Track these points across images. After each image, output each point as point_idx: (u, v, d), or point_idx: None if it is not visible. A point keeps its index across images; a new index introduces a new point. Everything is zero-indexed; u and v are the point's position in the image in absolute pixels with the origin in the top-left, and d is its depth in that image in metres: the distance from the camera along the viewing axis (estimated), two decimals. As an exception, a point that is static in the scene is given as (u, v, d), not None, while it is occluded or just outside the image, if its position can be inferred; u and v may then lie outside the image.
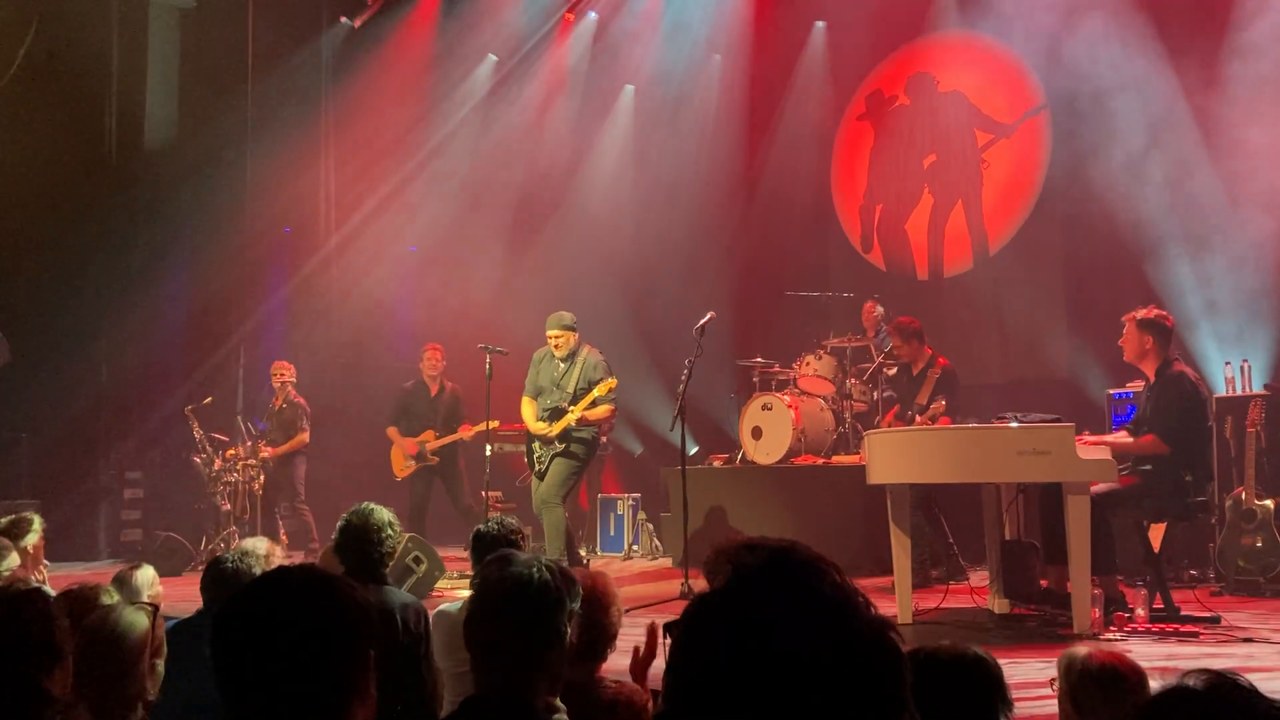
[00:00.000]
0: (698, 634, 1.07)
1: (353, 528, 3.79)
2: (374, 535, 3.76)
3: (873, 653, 1.05)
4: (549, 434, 7.97)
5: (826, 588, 1.07)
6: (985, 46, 11.35)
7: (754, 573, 1.08)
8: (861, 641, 1.05)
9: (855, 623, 1.06)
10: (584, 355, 8.12)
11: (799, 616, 1.04)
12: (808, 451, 9.54)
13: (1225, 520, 7.47)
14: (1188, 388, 6.32)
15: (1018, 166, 11.21)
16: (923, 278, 11.83)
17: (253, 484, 9.80)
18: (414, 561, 7.99)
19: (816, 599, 1.06)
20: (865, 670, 1.03)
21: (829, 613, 1.05)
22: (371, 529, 3.76)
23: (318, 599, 1.60)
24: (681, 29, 12.97)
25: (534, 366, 8.26)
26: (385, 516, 3.81)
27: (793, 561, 1.09)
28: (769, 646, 1.02)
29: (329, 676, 1.56)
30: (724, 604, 1.07)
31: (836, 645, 1.03)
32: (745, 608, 1.06)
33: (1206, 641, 5.62)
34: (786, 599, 1.05)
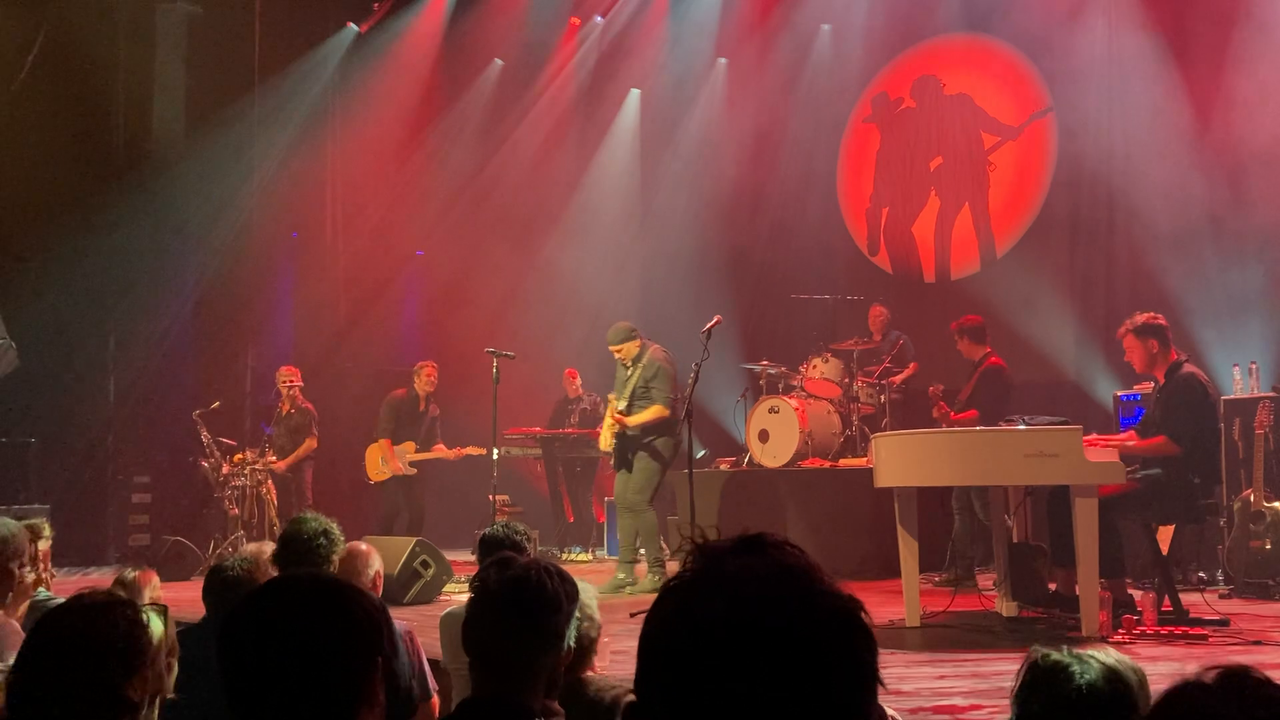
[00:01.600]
0: (666, 614, 1.07)
1: (286, 537, 3.80)
2: (307, 543, 3.74)
3: (843, 628, 1.05)
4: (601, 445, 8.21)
5: (794, 564, 1.07)
6: (991, 49, 11.34)
7: (721, 554, 1.08)
8: (832, 617, 1.04)
9: (826, 598, 1.05)
10: (647, 358, 8.22)
11: (768, 592, 1.04)
12: (815, 454, 9.52)
13: (1234, 522, 7.45)
14: (1198, 389, 6.30)
15: (1024, 169, 11.19)
16: (929, 280, 11.81)
17: (261, 488, 9.82)
18: (422, 565, 8.00)
19: (785, 574, 1.06)
20: (836, 646, 1.03)
21: (799, 587, 1.05)
22: (304, 537, 3.75)
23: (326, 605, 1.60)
24: (687, 33, 12.98)
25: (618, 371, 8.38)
26: (320, 525, 3.80)
27: (760, 542, 1.09)
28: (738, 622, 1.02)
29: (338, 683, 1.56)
30: (691, 584, 1.07)
31: (806, 620, 1.03)
32: (713, 586, 1.05)
33: (1215, 644, 5.60)
34: (755, 575, 1.05)
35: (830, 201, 12.59)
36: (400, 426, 10.02)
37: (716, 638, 1.02)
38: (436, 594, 8.00)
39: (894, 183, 12.20)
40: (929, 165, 11.91)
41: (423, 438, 10.03)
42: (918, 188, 11.97)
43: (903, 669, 5.19)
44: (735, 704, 1.01)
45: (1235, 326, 9.03)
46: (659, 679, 1.05)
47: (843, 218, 12.55)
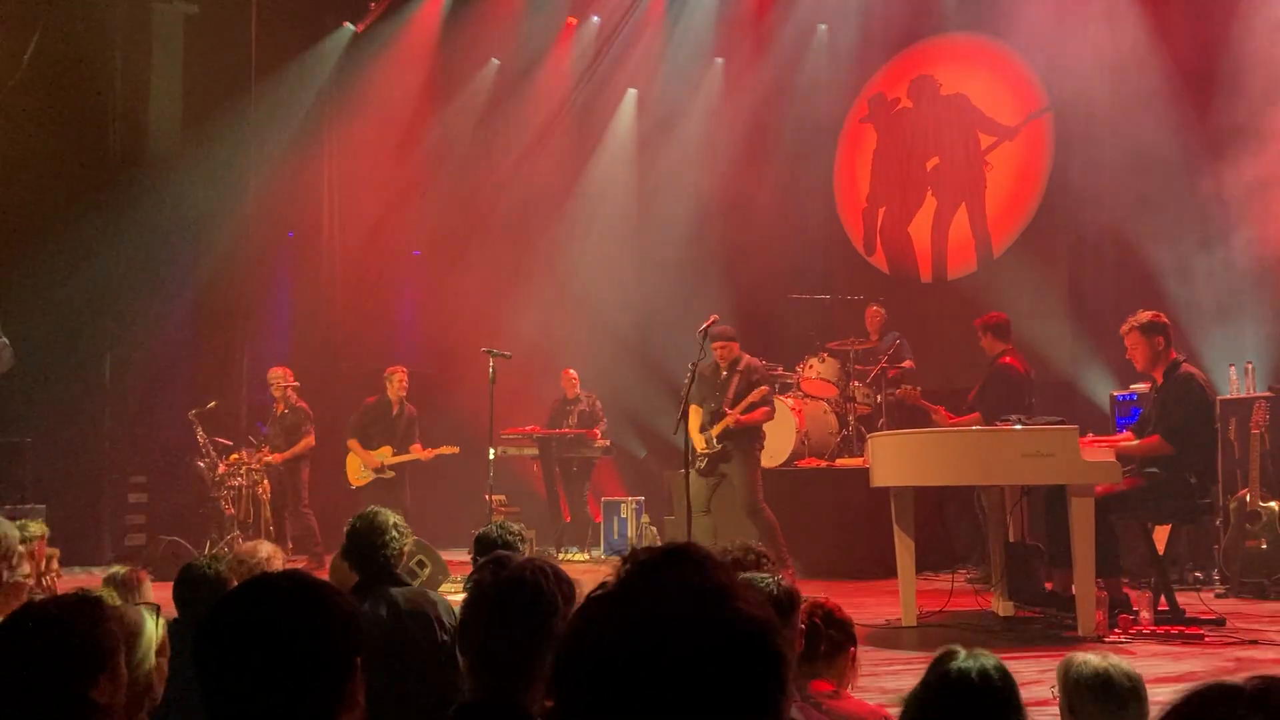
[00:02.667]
0: (581, 625, 1.10)
1: (358, 532, 3.78)
2: (379, 538, 3.75)
3: (748, 649, 1.06)
4: (711, 436, 8.18)
5: (710, 584, 1.09)
6: (988, 49, 11.34)
7: (641, 569, 1.11)
8: (738, 641, 1.06)
9: (735, 619, 1.07)
10: (745, 363, 8.31)
11: (678, 613, 1.06)
12: (811, 454, 9.53)
13: (1230, 522, 7.45)
14: (1195, 389, 6.30)
15: (1021, 169, 11.20)
16: (926, 280, 11.81)
17: (257, 488, 9.81)
18: (418, 565, 7.99)
19: (698, 595, 1.08)
20: (739, 666, 1.05)
21: (709, 609, 1.07)
22: (377, 531, 3.75)
23: (303, 606, 1.57)
24: (684, 32, 12.97)
25: (699, 376, 8.26)
26: (390, 519, 3.81)
27: (679, 558, 1.11)
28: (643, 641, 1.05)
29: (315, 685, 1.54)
30: (609, 598, 1.10)
31: (713, 639, 1.05)
32: (630, 600, 1.08)
33: (1211, 644, 5.61)
34: (667, 595, 1.07)
35: (827, 201, 12.59)
36: (373, 431, 10.09)
37: (623, 655, 1.05)
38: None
39: (891, 183, 12.20)
40: (926, 165, 11.91)
41: (399, 440, 10.07)
42: (914, 188, 11.97)
43: (898, 669, 5.19)
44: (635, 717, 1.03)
45: (1231, 326, 9.04)
46: (570, 688, 1.08)
47: (839, 218, 12.55)
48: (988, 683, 2.12)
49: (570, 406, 10.95)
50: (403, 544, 3.82)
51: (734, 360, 8.30)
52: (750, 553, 3.36)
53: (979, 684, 2.11)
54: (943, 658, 2.19)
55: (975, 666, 2.14)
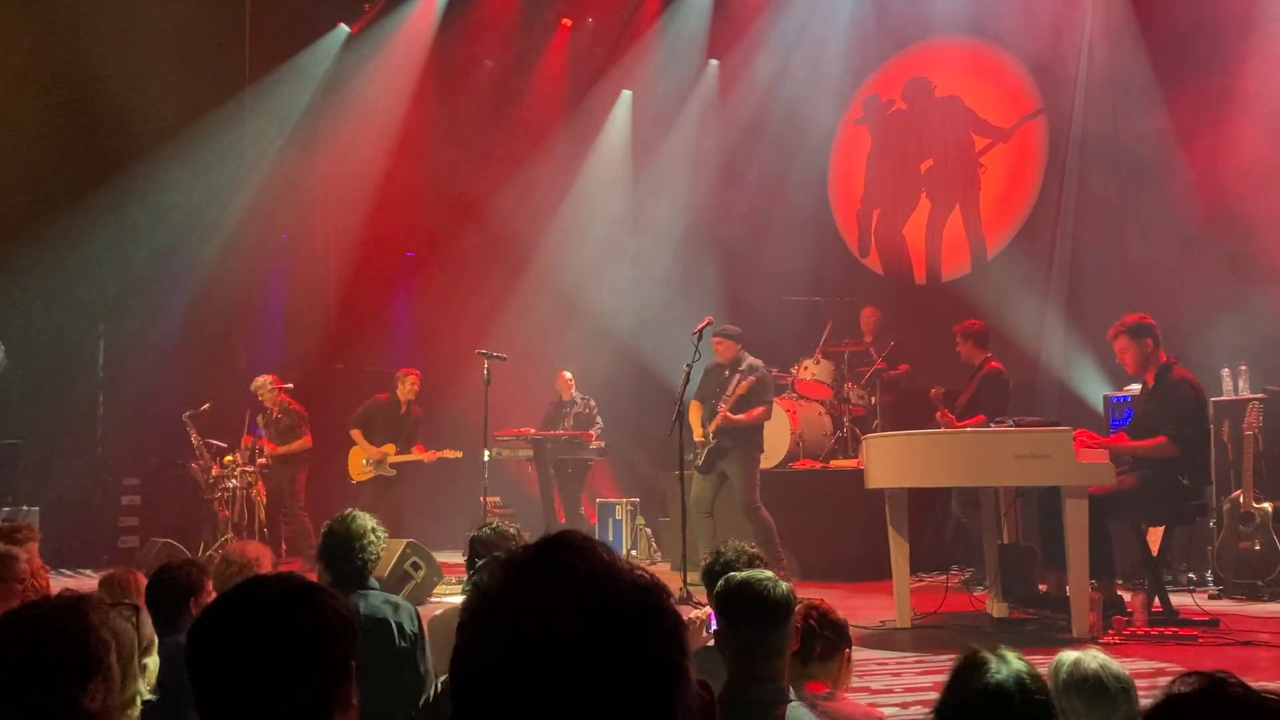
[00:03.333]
0: (470, 629, 1.10)
1: (335, 534, 3.77)
2: (356, 542, 3.74)
3: (637, 619, 1.07)
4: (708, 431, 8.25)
5: (585, 566, 1.09)
6: (982, 51, 11.36)
7: (520, 563, 1.11)
8: (624, 610, 1.07)
9: (617, 593, 1.08)
10: (747, 363, 8.36)
11: (560, 597, 1.06)
12: (806, 456, 9.53)
13: (1223, 523, 7.47)
14: (1189, 391, 6.32)
15: (1015, 171, 11.22)
16: (920, 282, 11.82)
17: (251, 490, 9.80)
18: (412, 567, 7.99)
19: (576, 578, 1.08)
20: (631, 638, 1.05)
21: (589, 588, 1.07)
22: (354, 535, 3.74)
23: (296, 609, 1.56)
24: (678, 34, 12.98)
25: (704, 374, 8.47)
26: (368, 523, 3.80)
27: (556, 546, 1.12)
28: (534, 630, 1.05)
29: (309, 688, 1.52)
30: (490, 596, 1.10)
31: (598, 618, 1.05)
32: (509, 597, 1.08)
33: (1205, 645, 5.62)
34: (548, 583, 1.08)
35: (821, 203, 12.60)
36: (379, 428, 10.12)
37: (516, 656, 1.05)
38: (427, 596, 7.99)
39: (885, 184, 12.21)
40: (920, 167, 11.93)
41: (403, 440, 10.10)
42: (909, 189, 11.98)
43: (893, 670, 5.20)
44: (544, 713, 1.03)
45: (1224, 328, 9.05)
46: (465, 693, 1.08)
47: (834, 219, 12.56)
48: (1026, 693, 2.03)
49: (566, 409, 10.95)
50: (379, 549, 3.81)
51: (735, 359, 8.31)
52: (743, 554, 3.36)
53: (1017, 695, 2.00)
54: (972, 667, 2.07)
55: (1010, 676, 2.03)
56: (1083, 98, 10.23)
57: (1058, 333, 10.36)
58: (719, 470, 8.24)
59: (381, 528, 3.86)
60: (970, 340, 8.28)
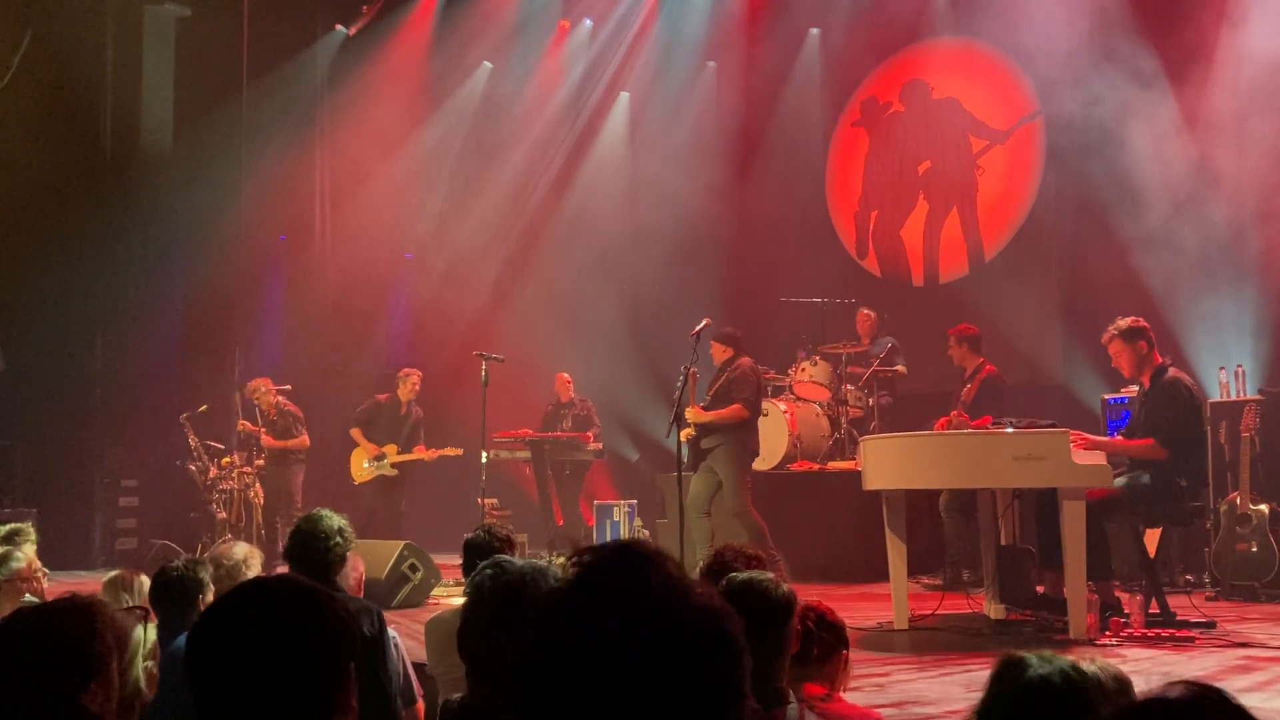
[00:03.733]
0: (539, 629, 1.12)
1: (302, 534, 3.74)
2: (323, 542, 3.71)
3: (705, 644, 1.08)
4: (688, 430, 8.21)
5: (656, 580, 1.10)
6: (979, 53, 11.37)
7: (593, 568, 1.12)
8: (694, 632, 1.08)
9: (684, 611, 1.09)
10: (735, 363, 8.32)
11: (631, 608, 1.08)
12: (803, 457, 9.54)
13: (1220, 525, 7.48)
14: (1183, 392, 6.33)
15: (1012, 173, 11.23)
16: (918, 284, 11.84)
17: (249, 492, 9.80)
18: (410, 569, 7.98)
19: (648, 591, 1.09)
20: (695, 656, 1.07)
21: (660, 602, 1.08)
22: (320, 535, 3.71)
23: (297, 610, 1.56)
24: (676, 36, 12.99)
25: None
26: (335, 523, 3.76)
27: (626, 557, 1.13)
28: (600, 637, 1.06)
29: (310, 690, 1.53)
30: (563, 600, 1.12)
31: (665, 633, 1.06)
32: (580, 600, 1.10)
33: (1202, 646, 5.63)
34: (619, 592, 1.09)
35: (819, 205, 12.61)
36: (381, 428, 10.11)
37: (582, 659, 1.06)
38: (425, 597, 7.99)
39: (883, 186, 12.23)
40: (918, 169, 11.94)
41: (404, 440, 10.10)
42: (906, 191, 12.00)
43: (890, 672, 5.20)
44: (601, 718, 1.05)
45: (1221, 330, 9.08)
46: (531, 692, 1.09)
47: (831, 221, 12.57)
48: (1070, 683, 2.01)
49: (564, 410, 10.95)
50: (345, 549, 3.77)
51: (726, 361, 8.32)
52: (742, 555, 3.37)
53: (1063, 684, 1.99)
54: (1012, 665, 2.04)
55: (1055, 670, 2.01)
56: (1081, 98, 10.24)
57: (1055, 334, 10.38)
58: (711, 471, 8.22)
59: (349, 529, 3.81)
60: (964, 344, 8.34)
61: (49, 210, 10.69)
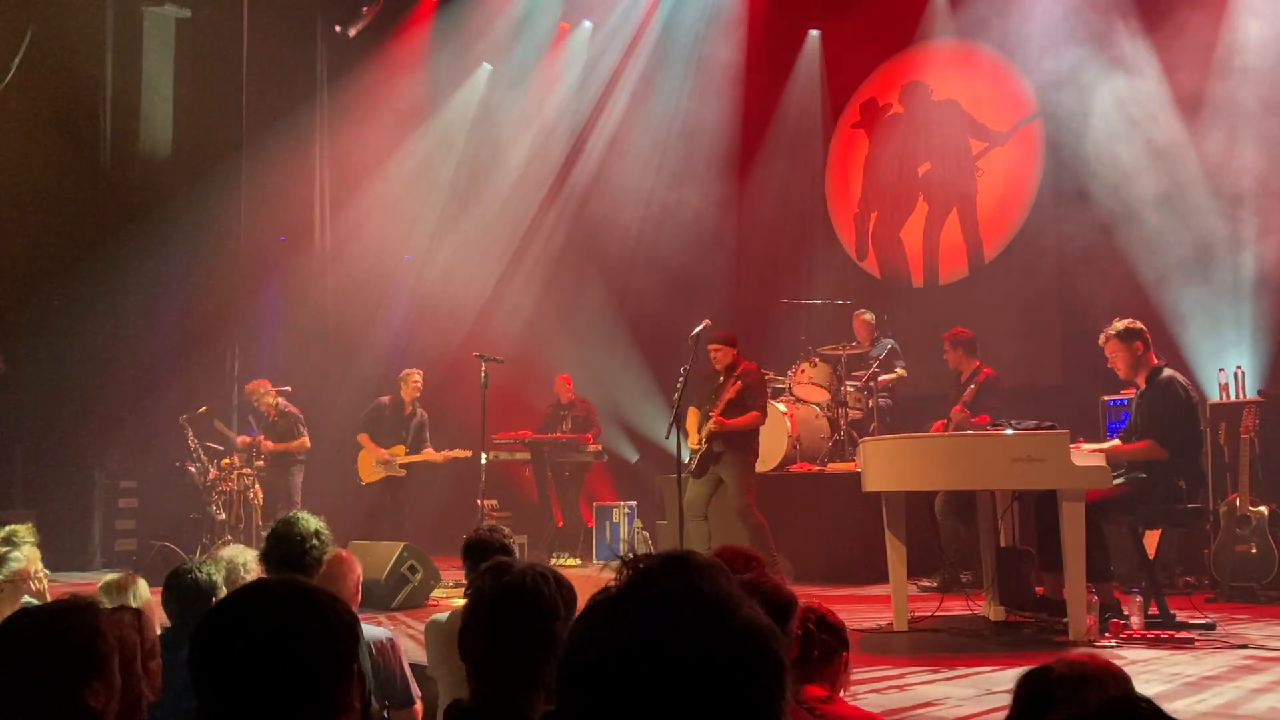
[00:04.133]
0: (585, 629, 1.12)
1: (278, 536, 3.72)
2: (300, 545, 3.69)
3: (751, 658, 1.09)
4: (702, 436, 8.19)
5: (712, 589, 1.11)
6: (979, 54, 11.38)
7: (646, 573, 1.13)
8: (742, 646, 1.09)
9: (738, 626, 1.10)
10: (741, 369, 8.31)
11: (682, 617, 1.08)
12: (803, 459, 9.54)
13: (1220, 526, 7.48)
14: (1179, 393, 6.33)
15: (1012, 174, 11.24)
16: (918, 285, 11.84)
17: (248, 493, 9.79)
18: (409, 570, 7.99)
19: (702, 600, 1.10)
20: (742, 675, 1.08)
21: (713, 614, 1.09)
22: (297, 538, 3.69)
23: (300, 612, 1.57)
24: (676, 37, 12.99)
25: (704, 380, 8.42)
26: (312, 525, 3.74)
27: (680, 565, 1.14)
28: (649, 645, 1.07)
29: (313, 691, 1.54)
30: (612, 603, 1.13)
31: (715, 648, 1.07)
32: (630, 602, 1.11)
33: (1201, 648, 5.63)
34: (671, 599, 1.10)
35: (819, 206, 12.62)
36: (386, 430, 10.10)
37: (627, 659, 1.07)
38: (425, 599, 7.99)
39: (882, 188, 12.23)
40: (917, 170, 11.94)
41: (411, 441, 10.08)
42: (906, 193, 12.00)
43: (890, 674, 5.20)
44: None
45: (1220, 331, 9.08)
46: (573, 692, 1.10)
47: (831, 222, 12.57)
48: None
49: (564, 412, 10.95)
50: (322, 551, 3.75)
51: (730, 365, 8.31)
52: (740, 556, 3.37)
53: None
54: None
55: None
56: (1080, 100, 10.25)
57: (1054, 336, 10.38)
58: (713, 474, 8.24)
59: (326, 531, 3.79)
60: (960, 348, 8.38)
61: (49, 212, 10.69)
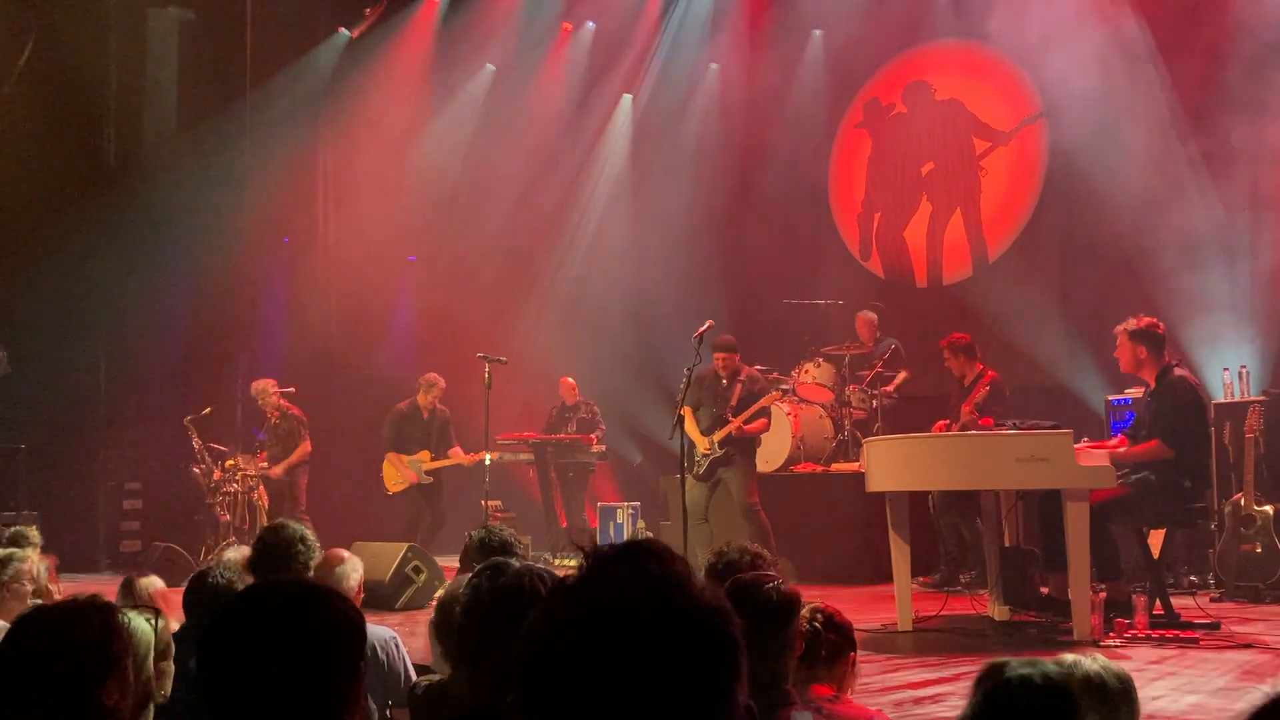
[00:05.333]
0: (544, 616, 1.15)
1: (266, 544, 3.74)
2: (287, 550, 3.68)
3: (705, 639, 1.11)
4: (714, 441, 8.22)
5: (659, 573, 1.14)
6: (982, 54, 11.37)
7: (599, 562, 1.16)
8: (695, 627, 1.11)
9: (691, 609, 1.12)
10: (747, 374, 8.41)
11: (635, 600, 1.11)
12: (807, 459, 9.53)
13: (1224, 526, 7.47)
14: (1188, 392, 6.33)
15: (1016, 174, 11.22)
16: (921, 285, 11.83)
17: (252, 494, 9.79)
18: (414, 571, 7.99)
19: (655, 584, 1.12)
20: (695, 656, 1.10)
21: (666, 597, 1.11)
22: (284, 544, 3.69)
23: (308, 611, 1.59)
24: (679, 38, 12.99)
25: (696, 381, 8.33)
26: (299, 532, 3.76)
27: (632, 551, 1.16)
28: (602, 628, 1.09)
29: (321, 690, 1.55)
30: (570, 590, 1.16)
31: (668, 629, 1.09)
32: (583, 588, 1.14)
33: (1206, 647, 5.62)
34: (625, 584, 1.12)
35: (822, 206, 12.61)
36: (406, 438, 10.01)
37: (581, 642, 1.09)
38: (428, 600, 7.98)
39: (886, 188, 12.22)
40: (920, 170, 11.93)
41: (435, 445, 10.00)
42: (909, 193, 11.99)
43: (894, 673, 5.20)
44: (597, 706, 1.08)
45: (1225, 331, 9.06)
46: (532, 678, 1.13)
47: (834, 222, 12.56)
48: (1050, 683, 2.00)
49: (569, 414, 10.94)
50: (310, 558, 3.77)
51: (734, 370, 8.31)
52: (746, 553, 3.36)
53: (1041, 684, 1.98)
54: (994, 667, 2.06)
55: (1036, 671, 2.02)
56: (1084, 99, 10.23)
57: (1058, 335, 10.36)
58: (717, 476, 8.25)
59: (312, 537, 3.79)
60: (961, 354, 8.40)
61: (53, 213, 10.69)
